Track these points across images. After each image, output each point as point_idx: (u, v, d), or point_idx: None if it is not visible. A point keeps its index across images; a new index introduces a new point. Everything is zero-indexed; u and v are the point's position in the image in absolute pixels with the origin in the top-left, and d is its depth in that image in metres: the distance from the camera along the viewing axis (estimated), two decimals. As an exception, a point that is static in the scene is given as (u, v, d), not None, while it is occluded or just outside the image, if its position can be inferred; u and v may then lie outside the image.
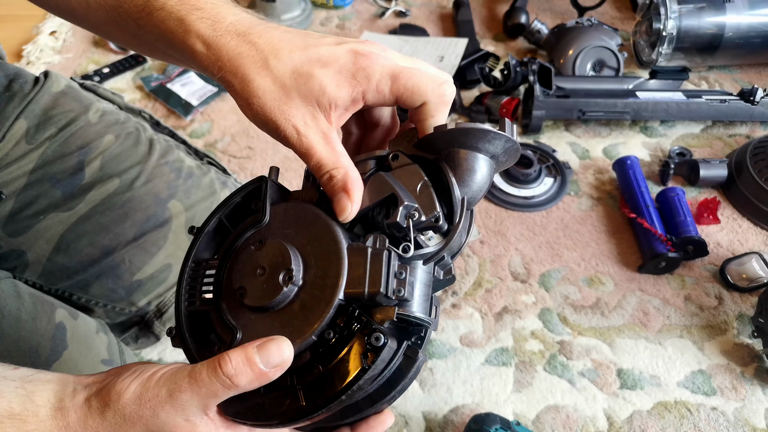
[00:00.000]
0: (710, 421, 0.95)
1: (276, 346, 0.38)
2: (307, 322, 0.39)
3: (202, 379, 0.37)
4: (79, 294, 0.72)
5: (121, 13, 0.48)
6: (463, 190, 0.43)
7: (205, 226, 0.46)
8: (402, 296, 0.39)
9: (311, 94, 0.42)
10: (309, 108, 0.43)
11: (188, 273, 0.45)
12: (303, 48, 0.43)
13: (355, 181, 0.43)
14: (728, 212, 1.25)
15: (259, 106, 0.43)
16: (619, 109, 1.38)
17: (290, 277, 0.40)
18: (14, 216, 0.68)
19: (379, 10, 1.85)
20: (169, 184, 0.74)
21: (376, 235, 0.41)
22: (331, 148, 0.43)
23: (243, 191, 0.46)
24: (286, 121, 0.43)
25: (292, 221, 0.43)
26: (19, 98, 0.69)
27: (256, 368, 0.37)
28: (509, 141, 0.44)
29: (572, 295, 1.12)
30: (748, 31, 1.46)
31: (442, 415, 0.97)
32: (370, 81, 0.43)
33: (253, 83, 0.42)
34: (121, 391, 0.39)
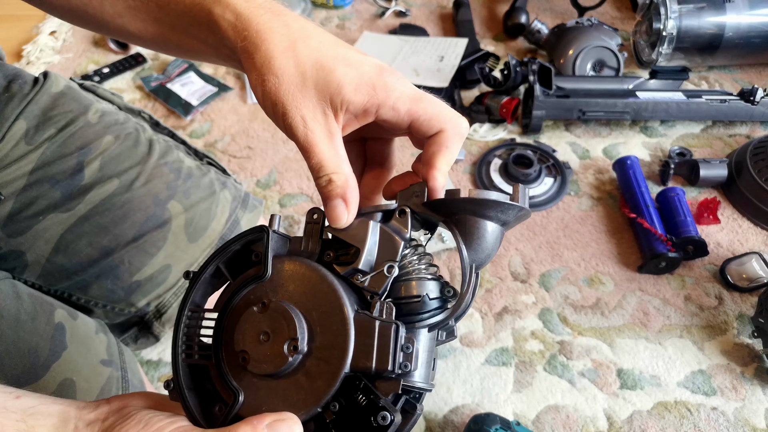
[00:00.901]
0: (710, 421, 0.95)
1: (288, 427, 0.37)
2: (313, 393, 0.39)
3: None
4: (78, 295, 0.71)
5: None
6: (471, 257, 0.43)
7: (203, 272, 0.44)
8: (408, 371, 0.39)
9: (327, 89, 0.41)
10: (321, 103, 0.41)
11: (185, 321, 0.44)
12: (332, 44, 0.42)
13: (354, 190, 0.42)
14: (728, 212, 1.25)
15: (273, 85, 0.41)
16: (619, 109, 1.38)
17: (295, 347, 0.40)
18: (13, 217, 0.68)
19: (379, 10, 1.85)
20: (169, 185, 0.74)
21: (382, 303, 0.40)
22: (335, 150, 0.42)
23: (243, 239, 0.44)
24: (296, 109, 0.41)
25: (296, 280, 0.42)
26: (19, 99, 0.69)
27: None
28: (522, 210, 0.43)
29: (572, 295, 1.12)
30: (748, 31, 1.46)
31: (442, 415, 0.97)
32: (389, 96, 0.41)
33: (275, 60, 0.41)
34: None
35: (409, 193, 0.44)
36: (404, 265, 0.42)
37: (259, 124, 1.47)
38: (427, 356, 0.42)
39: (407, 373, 0.40)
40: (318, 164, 0.42)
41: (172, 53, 0.53)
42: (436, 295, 0.43)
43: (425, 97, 0.43)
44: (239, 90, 1.57)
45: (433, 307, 0.42)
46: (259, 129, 1.46)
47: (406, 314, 0.42)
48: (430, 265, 0.44)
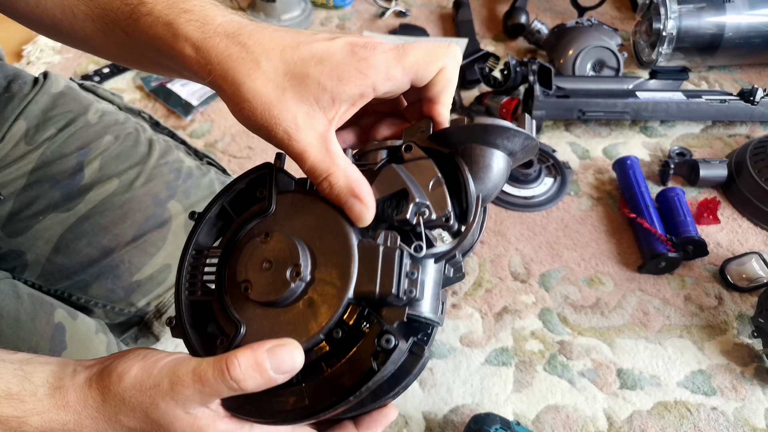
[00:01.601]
0: (710, 421, 0.95)
1: (288, 352, 0.37)
2: (316, 320, 0.38)
3: (207, 379, 0.36)
4: (78, 294, 0.72)
5: (108, 22, 0.46)
6: (478, 187, 0.42)
7: (207, 212, 0.44)
8: (413, 297, 0.38)
9: (308, 92, 0.40)
10: (304, 107, 0.40)
11: (189, 261, 0.43)
12: (295, 47, 0.41)
13: (361, 182, 0.41)
14: (728, 212, 1.25)
15: (249, 111, 0.40)
16: (619, 109, 1.38)
17: (298, 273, 0.39)
18: (13, 216, 0.68)
19: (379, 10, 1.85)
20: (169, 185, 0.74)
21: (387, 232, 0.40)
22: (326, 149, 0.41)
23: (247, 177, 0.44)
24: (276, 125, 0.40)
25: (300, 213, 0.42)
26: (19, 99, 0.69)
27: (266, 374, 0.36)
28: (528, 138, 0.42)
29: (572, 295, 1.12)
30: (748, 31, 1.46)
31: (442, 415, 0.97)
32: (378, 71, 0.40)
33: (243, 86, 0.40)
34: (122, 374, 0.38)
35: (414, 130, 0.44)
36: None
37: (259, 124, 1.47)
38: (434, 288, 0.41)
39: (413, 300, 0.39)
40: (311, 169, 0.41)
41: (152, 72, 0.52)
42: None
43: (409, 49, 0.41)
44: (239, 90, 1.57)
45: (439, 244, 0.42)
46: (259, 129, 1.46)
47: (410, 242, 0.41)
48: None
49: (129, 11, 0.44)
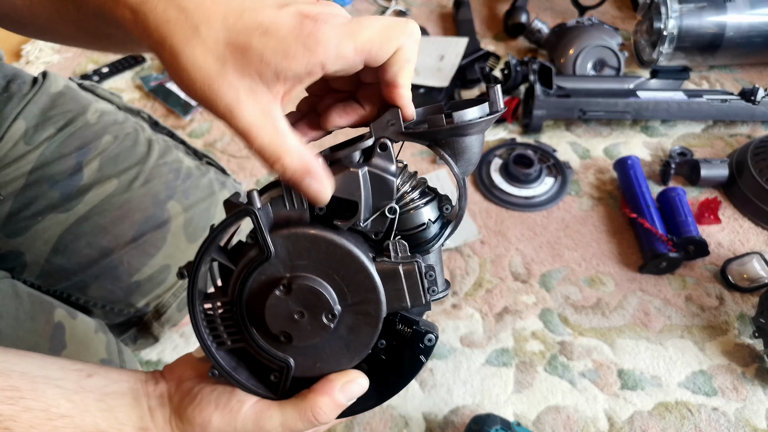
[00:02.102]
0: (711, 421, 0.95)
1: (357, 385, 0.43)
2: (360, 342, 0.44)
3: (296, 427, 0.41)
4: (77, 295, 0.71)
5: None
6: (461, 169, 0.45)
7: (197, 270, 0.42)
8: (435, 293, 0.43)
9: (250, 65, 0.36)
10: (246, 81, 0.37)
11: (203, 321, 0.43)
12: (239, 14, 0.37)
13: (313, 159, 0.38)
14: (729, 212, 1.25)
15: (189, 82, 0.37)
16: (619, 109, 1.37)
17: (332, 315, 0.42)
18: (12, 217, 0.67)
19: (379, 10, 1.85)
20: (168, 185, 0.74)
21: (394, 244, 0.43)
22: (273, 128, 0.37)
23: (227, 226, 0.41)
24: (217, 100, 0.37)
25: (303, 252, 0.41)
26: (18, 99, 0.69)
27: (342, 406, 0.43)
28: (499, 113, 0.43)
29: (573, 295, 1.12)
30: (749, 31, 1.46)
31: (443, 415, 0.97)
32: (327, 48, 0.36)
33: (181, 56, 0.36)
34: (204, 424, 0.41)
35: (383, 123, 0.41)
36: (401, 197, 0.44)
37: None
38: (440, 267, 0.46)
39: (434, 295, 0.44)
40: (259, 150, 0.38)
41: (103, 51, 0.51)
42: (436, 215, 0.45)
43: (363, 24, 0.38)
44: (239, 89, 1.57)
45: (437, 230, 0.45)
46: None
47: (415, 244, 0.44)
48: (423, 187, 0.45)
49: None
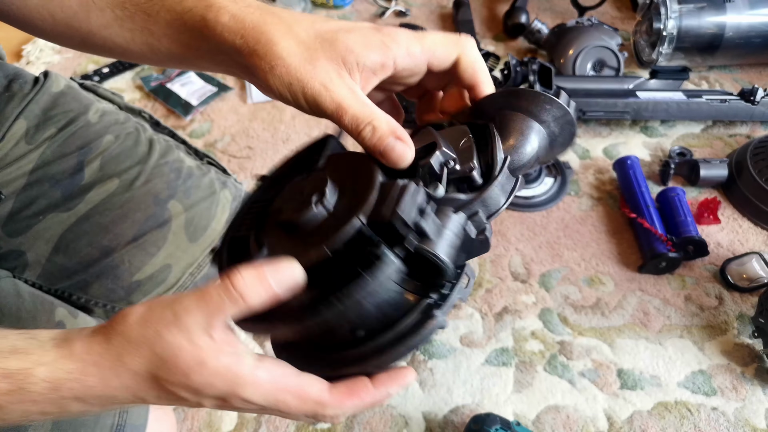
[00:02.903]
0: (711, 421, 0.95)
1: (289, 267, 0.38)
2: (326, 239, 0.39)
3: (210, 297, 0.37)
4: (78, 294, 0.71)
5: (128, 7, 0.48)
6: (507, 151, 0.43)
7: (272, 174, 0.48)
8: (422, 229, 0.37)
9: (336, 53, 0.42)
10: (334, 66, 0.42)
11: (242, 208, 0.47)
12: (325, 20, 0.45)
13: (400, 127, 0.43)
14: (729, 212, 1.25)
15: (284, 68, 0.42)
16: (619, 109, 1.38)
17: (321, 199, 0.40)
18: (14, 216, 0.67)
19: (379, 10, 1.85)
20: (169, 185, 0.74)
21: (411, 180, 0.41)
22: (363, 101, 0.42)
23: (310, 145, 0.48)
24: (312, 79, 0.42)
25: (343, 165, 0.45)
26: (19, 98, 0.69)
27: (269, 288, 0.37)
28: (561, 109, 0.44)
29: (572, 295, 1.12)
30: (748, 31, 1.46)
31: (442, 415, 0.97)
32: (400, 45, 0.43)
33: (278, 45, 0.42)
34: (126, 314, 0.38)
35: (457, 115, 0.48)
36: None
37: (259, 124, 1.47)
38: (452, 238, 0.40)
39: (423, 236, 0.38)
40: (353, 118, 0.42)
41: (159, 63, 0.53)
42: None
43: (428, 34, 0.45)
44: (239, 90, 1.57)
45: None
46: (259, 129, 1.46)
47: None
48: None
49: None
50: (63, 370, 0.38)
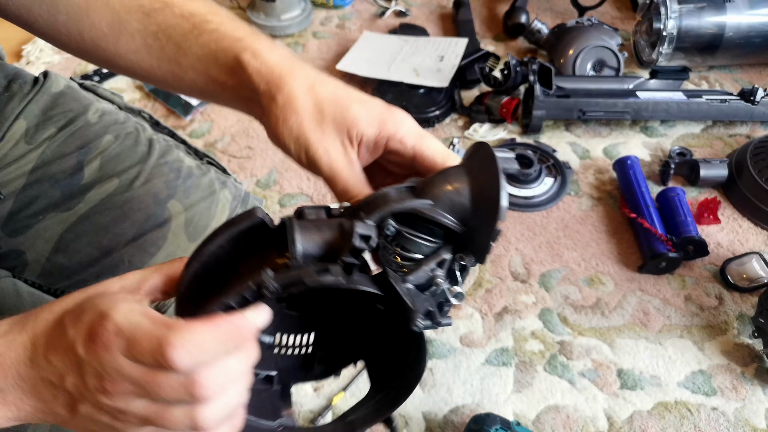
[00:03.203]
0: (710, 421, 0.95)
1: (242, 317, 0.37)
2: None
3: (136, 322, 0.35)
4: (78, 294, 0.71)
5: (161, 37, 0.51)
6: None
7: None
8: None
9: (344, 123, 0.45)
10: (339, 136, 0.45)
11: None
12: (346, 87, 0.47)
13: None
14: (728, 212, 1.25)
15: (296, 122, 0.45)
16: (619, 109, 1.38)
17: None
18: (13, 216, 0.67)
19: (379, 10, 1.85)
20: (169, 184, 0.74)
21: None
22: (357, 174, 0.45)
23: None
24: (318, 142, 0.45)
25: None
26: (19, 98, 0.69)
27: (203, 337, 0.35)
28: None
29: (572, 295, 1.12)
30: (748, 31, 1.46)
31: (442, 415, 0.97)
32: (398, 129, 0.45)
33: (297, 100, 0.45)
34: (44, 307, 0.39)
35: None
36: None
37: (259, 124, 1.47)
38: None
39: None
40: (343, 189, 0.45)
41: (180, 91, 0.56)
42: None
43: (429, 137, 0.47)
44: (239, 90, 1.57)
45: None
46: (259, 129, 1.46)
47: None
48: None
49: (190, 27, 0.50)
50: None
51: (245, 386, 0.37)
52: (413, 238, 0.42)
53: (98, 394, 0.35)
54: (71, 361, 0.36)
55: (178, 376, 0.33)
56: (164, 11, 0.51)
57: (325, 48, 1.71)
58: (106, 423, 0.36)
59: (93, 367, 0.35)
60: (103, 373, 0.34)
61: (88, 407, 0.36)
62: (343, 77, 1.58)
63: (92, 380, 0.35)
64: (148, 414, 0.35)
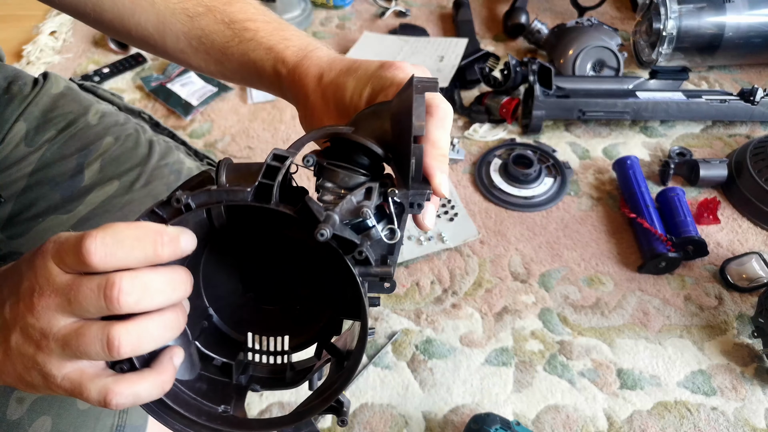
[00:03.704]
0: (710, 421, 0.95)
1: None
2: None
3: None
4: (78, 295, 0.72)
5: (205, 42, 0.55)
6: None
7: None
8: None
9: (341, 103, 0.48)
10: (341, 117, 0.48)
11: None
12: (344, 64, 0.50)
13: None
14: (728, 212, 1.25)
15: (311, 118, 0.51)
16: (619, 109, 1.38)
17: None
18: (13, 218, 0.68)
19: (379, 10, 1.85)
20: (169, 186, 0.74)
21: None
22: None
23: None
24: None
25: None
26: (19, 100, 0.69)
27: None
28: None
29: (572, 295, 1.12)
30: (748, 31, 1.46)
31: (442, 415, 0.97)
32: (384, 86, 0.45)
33: (309, 99, 0.50)
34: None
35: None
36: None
37: (259, 124, 1.47)
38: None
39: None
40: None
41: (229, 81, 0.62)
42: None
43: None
44: (239, 90, 1.57)
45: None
46: (259, 129, 1.46)
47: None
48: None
49: (231, 34, 0.54)
50: None
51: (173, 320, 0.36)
52: (335, 169, 0.40)
53: (27, 315, 0.35)
54: (14, 282, 0.37)
55: (96, 280, 0.34)
56: (207, 16, 0.55)
57: (325, 48, 1.71)
58: (31, 356, 0.36)
59: (28, 281, 0.36)
60: (34, 285, 0.35)
61: (18, 337, 0.36)
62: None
63: (24, 299, 0.35)
64: (68, 334, 0.35)
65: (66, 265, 0.35)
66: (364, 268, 0.37)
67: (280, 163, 0.36)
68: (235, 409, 0.43)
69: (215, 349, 0.45)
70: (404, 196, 0.40)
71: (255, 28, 0.54)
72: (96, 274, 0.34)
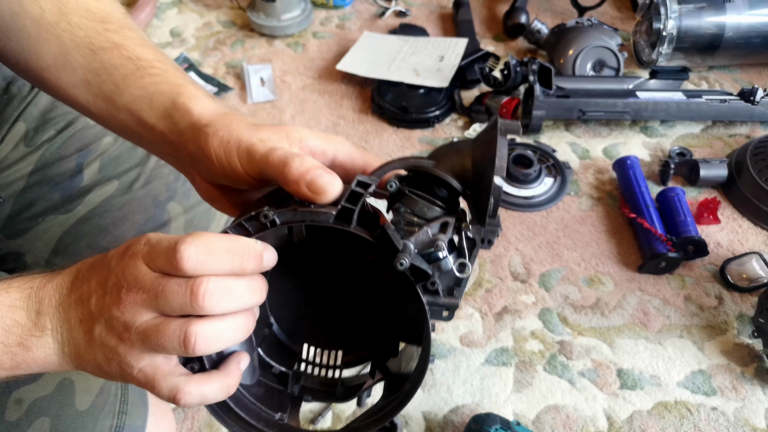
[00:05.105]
0: (710, 421, 0.95)
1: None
2: None
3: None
4: (78, 296, 0.72)
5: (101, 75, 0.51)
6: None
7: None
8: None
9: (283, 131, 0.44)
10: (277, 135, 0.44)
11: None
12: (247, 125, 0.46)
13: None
14: (728, 212, 1.25)
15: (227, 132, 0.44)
16: (619, 109, 1.38)
17: None
18: (13, 218, 0.68)
19: (379, 10, 1.85)
20: (168, 186, 0.74)
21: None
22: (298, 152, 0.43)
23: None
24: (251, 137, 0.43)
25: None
26: (18, 101, 0.69)
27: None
28: None
29: (572, 295, 1.12)
30: (748, 31, 1.46)
31: (442, 415, 0.97)
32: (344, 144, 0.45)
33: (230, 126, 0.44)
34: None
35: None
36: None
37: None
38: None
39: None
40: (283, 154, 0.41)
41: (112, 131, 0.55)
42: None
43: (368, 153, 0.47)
44: (239, 90, 1.58)
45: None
46: (259, 129, 1.46)
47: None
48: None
49: (133, 69, 0.50)
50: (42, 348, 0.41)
51: (245, 323, 0.39)
52: (415, 198, 0.42)
53: (113, 308, 0.38)
54: (102, 277, 0.39)
55: (184, 280, 0.36)
56: (112, 51, 0.52)
57: (325, 48, 1.71)
58: (112, 347, 0.38)
59: (116, 277, 0.38)
60: (122, 281, 0.38)
61: (101, 328, 0.38)
62: (343, 77, 1.58)
63: (111, 293, 0.38)
64: (148, 328, 0.37)
65: (155, 265, 0.37)
66: (432, 298, 0.39)
67: (364, 190, 0.38)
68: (290, 418, 0.45)
69: (275, 358, 0.47)
70: (477, 231, 0.41)
71: (163, 68, 0.51)
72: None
